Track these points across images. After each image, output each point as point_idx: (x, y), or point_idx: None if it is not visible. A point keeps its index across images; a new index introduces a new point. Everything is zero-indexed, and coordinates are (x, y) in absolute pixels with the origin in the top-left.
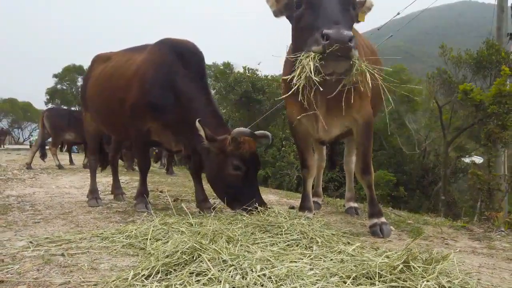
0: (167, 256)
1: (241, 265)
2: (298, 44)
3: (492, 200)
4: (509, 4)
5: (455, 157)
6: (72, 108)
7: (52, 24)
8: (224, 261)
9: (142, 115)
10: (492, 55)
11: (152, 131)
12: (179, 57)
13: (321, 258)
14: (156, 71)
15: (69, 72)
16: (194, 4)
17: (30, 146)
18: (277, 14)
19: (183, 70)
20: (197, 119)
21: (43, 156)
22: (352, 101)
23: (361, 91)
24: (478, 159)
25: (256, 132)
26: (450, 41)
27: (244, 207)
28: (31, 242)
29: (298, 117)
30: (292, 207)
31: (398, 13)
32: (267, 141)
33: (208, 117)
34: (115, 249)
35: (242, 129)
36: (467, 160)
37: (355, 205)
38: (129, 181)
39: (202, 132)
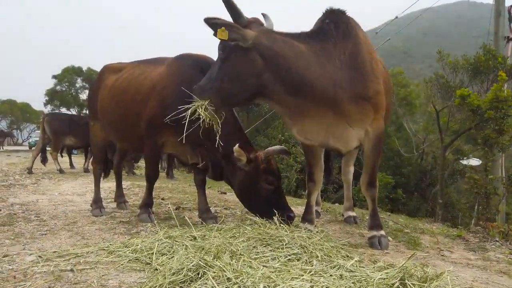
0: (173, 274)
1: (245, 283)
2: None
3: (489, 204)
4: (506, 6)
5: (452, 159)
6: (71, 110)
7: (51, 25)
8: (229, 279)
9: (160, 129)
10: (489, 60)
11: (168, 144)
12: (201, 72)
13: (321, 274)
14: (177, 86)
15: (68, 74)
16: (194, 6)
17: (30, 147)
18: None
19: None
20: (237, 144)
21: (44, 160)
22: (366, 113)
23: (377, 104)
24: (476, 162)
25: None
26: (449, 41)
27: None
28: (40, 256)
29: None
30: None
31: (396, 17)
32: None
33: (236, 134)
34: (122, 264)
35: (276, 148)
36: (464, 162)
37: (354, 214)
38: (131, 186)
39: (243, 158)
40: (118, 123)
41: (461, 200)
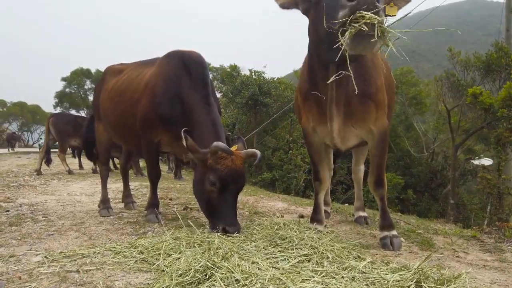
0: (180, 275)
1: (254, 284)
2: (320, 30)
3: (502, 204)
4: None
5: (464, 159)
6: (80, 111)
7: (59, 28)
8: (237, 280)
9: (153, 127)
10: (501, 58)
11: (164, 142)
12: (186, 69)
13: (332, 276)
14: (165, 84)
15: (77, 76)
16: (197, 6)
17: (40, 149)
18: (288, 5)
19: (188, 82)
20: (183, 129)
21: (48, 161)
22: (369, 111)
23: (378, 101)
24: (488, 161)
25: (246, 150)
26: (458, 40)
27: (218, 226)
28: (46, 257)
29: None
30: (302, 216)
31: (407, 14)
32: (253, 160)
33: (206, 127)
34: (128, 265)
35: (219, 144)
36: (476, 162)
37: (365, 214)
38: (139, 187)
39: (184, 142)
40: (118, 124)
41: (473, 200)
